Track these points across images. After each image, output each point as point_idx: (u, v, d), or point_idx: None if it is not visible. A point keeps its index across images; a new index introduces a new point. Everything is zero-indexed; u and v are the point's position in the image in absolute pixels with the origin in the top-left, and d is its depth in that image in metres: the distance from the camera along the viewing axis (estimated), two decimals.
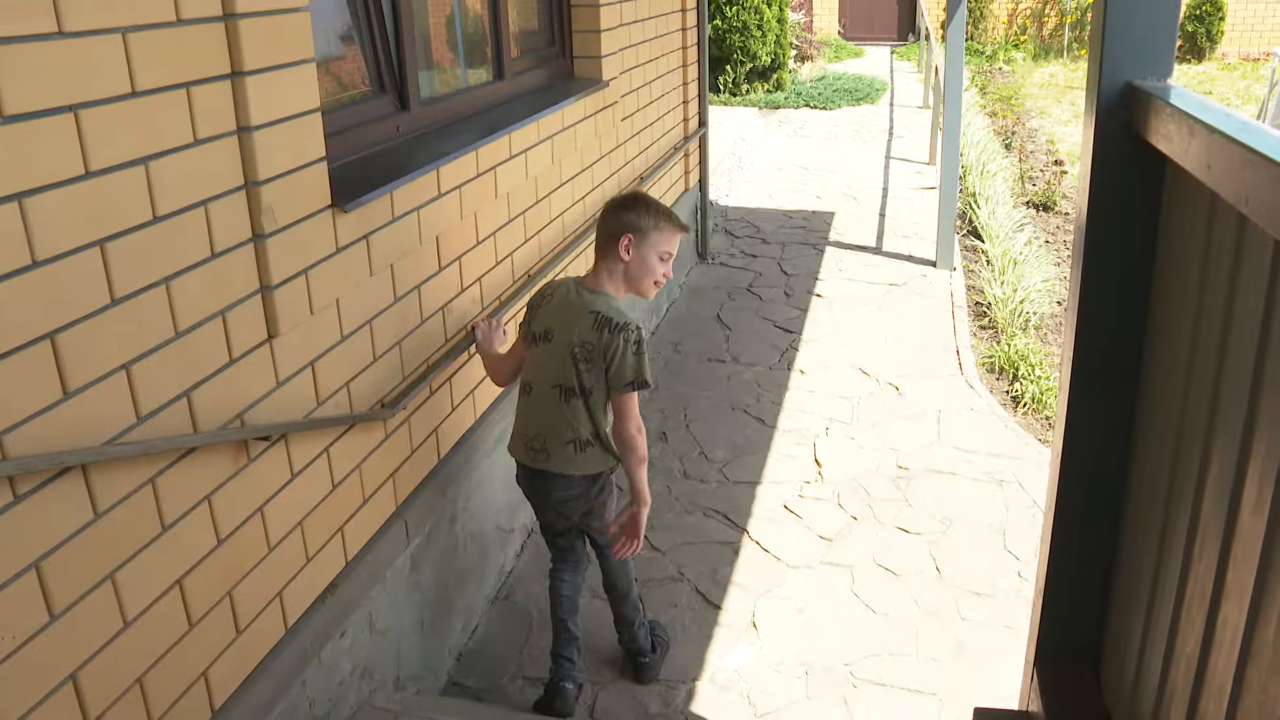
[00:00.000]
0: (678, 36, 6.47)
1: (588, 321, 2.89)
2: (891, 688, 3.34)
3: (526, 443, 3.03)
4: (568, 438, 2.95)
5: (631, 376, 2.87)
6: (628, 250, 2.93)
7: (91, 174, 1.84)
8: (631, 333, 2.87)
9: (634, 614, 3.34)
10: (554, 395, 2.94)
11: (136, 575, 2.03)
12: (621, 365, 2.86)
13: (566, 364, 2.91)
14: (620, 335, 2.86)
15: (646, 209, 2.95)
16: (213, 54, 2.13)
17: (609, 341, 2.86)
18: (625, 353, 2.86)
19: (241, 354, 2.29)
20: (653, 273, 2.97)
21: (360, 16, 3.13)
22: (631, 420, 2.91)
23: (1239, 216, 1.44)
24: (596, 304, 2.91)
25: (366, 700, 2.91)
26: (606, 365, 2.87)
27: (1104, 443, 2.06)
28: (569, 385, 2.92)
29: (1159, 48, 1.83)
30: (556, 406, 2.94)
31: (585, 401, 2.93)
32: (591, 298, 2.93)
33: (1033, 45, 19.98)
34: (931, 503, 4.38)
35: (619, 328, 2.86)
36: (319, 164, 2.51)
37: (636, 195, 3.02)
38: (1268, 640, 1.30)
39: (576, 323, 2.90)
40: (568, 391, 2.92)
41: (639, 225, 2.92)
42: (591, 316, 2.89)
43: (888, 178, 10.18)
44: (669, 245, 2.99)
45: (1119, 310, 1.97)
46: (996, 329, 6.36)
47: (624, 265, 2.95)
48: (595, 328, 2.87)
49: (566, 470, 2.99)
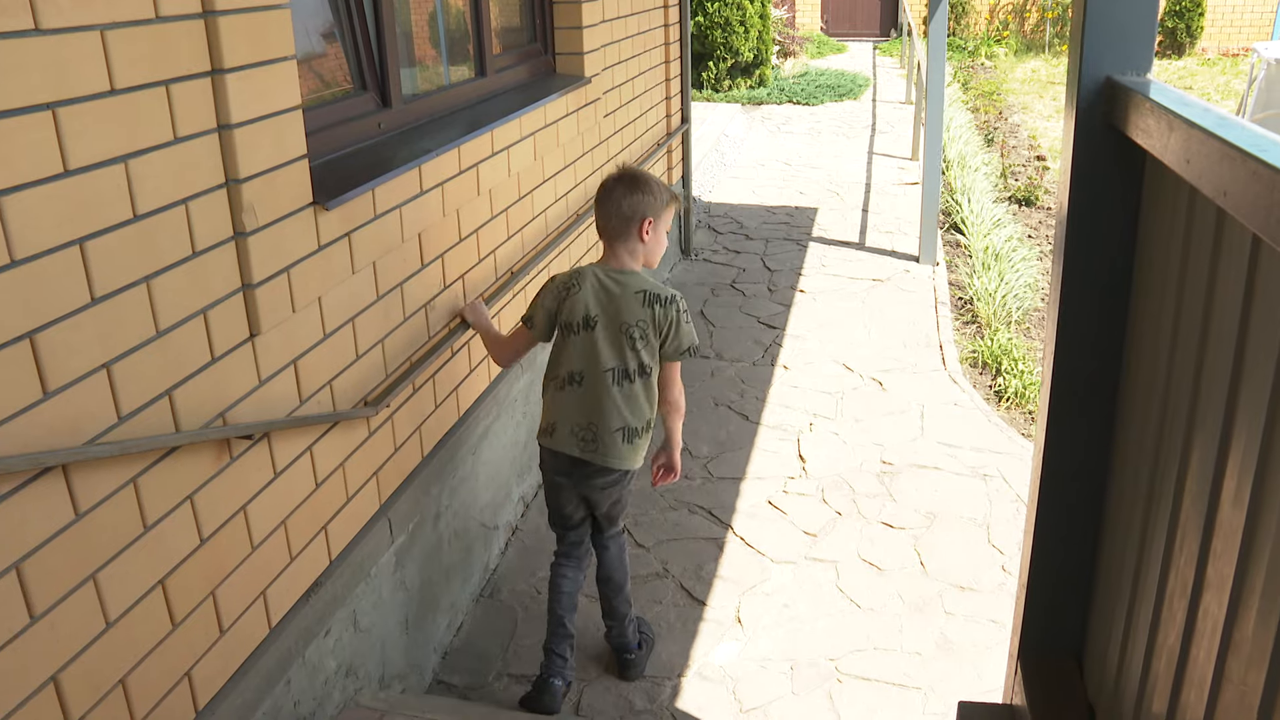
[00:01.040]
0: (660, 33, 6.46)
1: (637, 301, 3.01)
2: (876, 682, 3.35)
3: (577, 434, 3.07)
4: (617, 425, 3.04)
5: (687, 344, 3.07)
6: (648, 232, 3.05)
7: (70, 172, 1.82)
8: (681, 303, 3.05)
9: (626, 608, 3.35)
10: (607, 380, 3.02)
11: (118, 576, 2.02)
12: (678, 335, 3.04)
13: (621, 347, 3.01)
14: (672, 307, 3.03)
15: (654, 190, 3.07)
16: (192, 51, 2.12)
17: (663, 315, 3.01)
18: (680, 322, 3.04)
19: (223, 353, 2.28)
20: (663, 245, 3.15)
21: (341, 13, 3.12)
22: (677, 385, 3.15)
23: (1217, 210, 1.45)
24: (638, 284, 3.03)
25: (351, 699, 2.91)
26: (663, 338, 3.03)
27: (1086, 436, 2.07)
28: (625, 368, 3.02)
29: (1138, 43, 1.84)
30: (611, 393, 3.03)
31: (643, 383, 3.06)
32: (629, 279, 3.04)
33: (1014, 41, 20.04)
34: (915, 497, 4.39)
35: (669, 300, 3.03)
36: (300, 162, 2.50)
37: (638, 177, 3.10)
38: (1247, 632, 1.31)
39: (625, 305, 3.01)
40: (623, 375, 3.03)
41: (655, 208, 3.05)
42: (639, 296, 3.01)
43: (870, 173, 10.20)
44: (670, 220, 3.16)
45: (1100, 304, 1.98)
46: (979, 324, 6.39)
47: (643, 246, 3.08)
48: (646, 305, 3.01)
49: (614, 462, 3.07)
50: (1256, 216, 1.20)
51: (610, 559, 3.32)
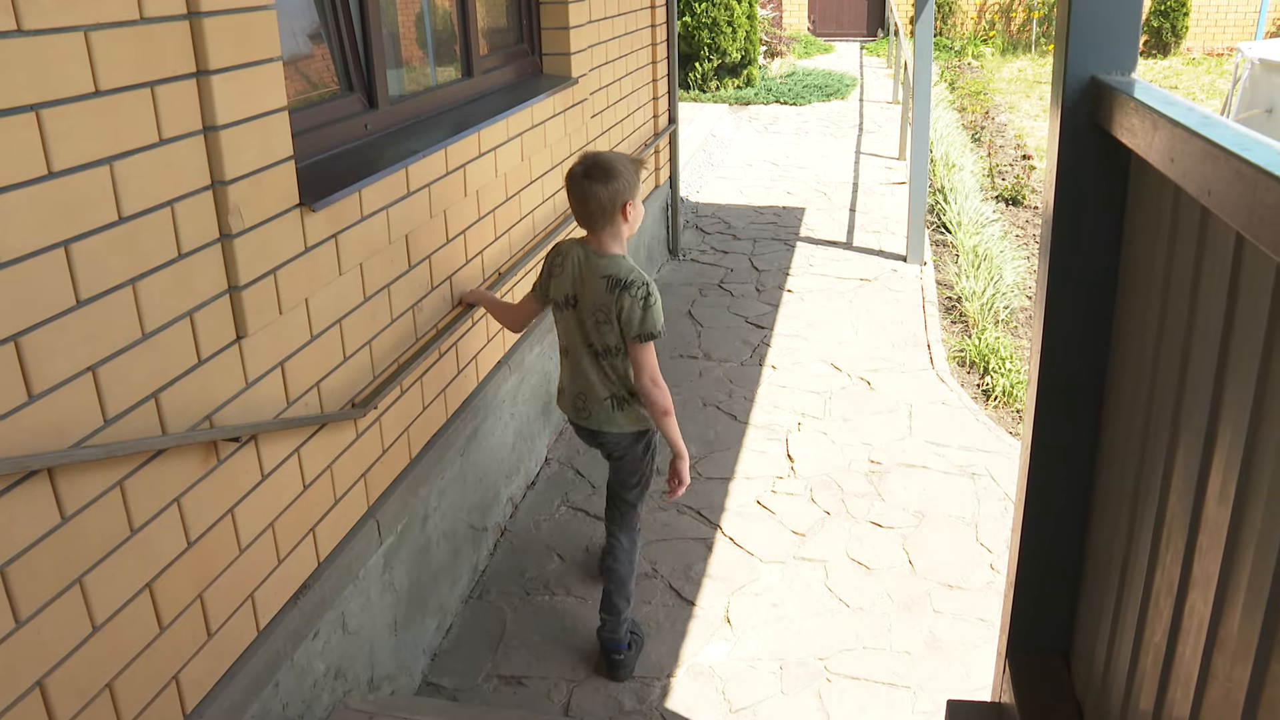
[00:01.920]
0: (646, 33, 6.47)
1: (601, 286, 3.09)
2: (865, 681, 3.35)
3: (572, 401, 3.29)
4: (604, 394, 3.20)
5: (638, 329, 3.07)
6: (627, 214, 3.12)
7: (55, 174, 1.82)
8: (639, 288, 3.06)
9: (624, 605, 3.37)
10: (589, 355, 3.18)
11: (105, 579, 2.01)
12: (630, 318, 3.06)
13: (591, 327, 3.14)
14: (627, 291, 3.05)
15: (624, 172, 3.09)
16: (177, 52, 2.11)
17: (619, 298, 3.06)
18: (633, 306, 3.05)
19: (210, 355, 2.28)
20: (641, 213, 3.21)
21: (328, 14, 3.11)
22: (645, 373, 3.12)
23: (1202, 209, 1.45)
24: (607, 268, 3.09)
25: (340, 701, 2.90)
26: (618, 318, 3.08)
27: (1073, 434, 2.08)
28: (598, 346, 3.16)
29: (1123, 42, 1.85)
30: (593, 366, 3.19)
31: (616, 360, 3.16)
32: (602, 262, 3.10)
33: (1001, 40, 20.10)
34: (904, 497, 4.40)
35: (627, 284, 3.06)
36: (286, 163, 2.49)
37: (607, 164, 3.08)
38: (1233, 629, 1.32)
39: (593, 288, 3.11)
40: (599, 352, 3.17)
41: (630, 190, 3.11)
42: (605, 281, 3.08)
43: (858, 173, 10.22)
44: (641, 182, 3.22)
45: (1086, 303, 1.99)
46: (967, 323, 6.40)
47: (626, 224, 3.14)
48: (608, 290, 3.08)
49: (608, 426, 3.24)
50: (1240, 215, 1.21)
51: (617, 549, 3.40)
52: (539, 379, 4.57)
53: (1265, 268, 1.24)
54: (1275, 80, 8.27)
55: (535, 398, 4.54)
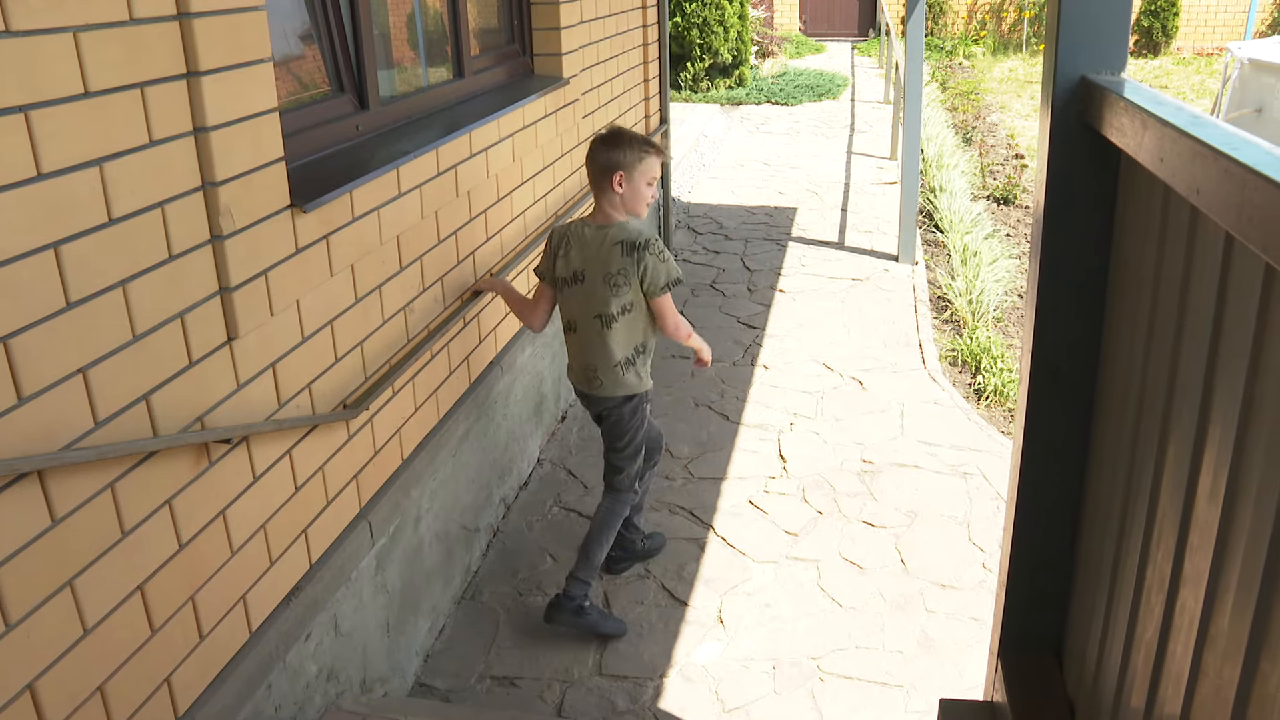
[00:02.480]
0: (638, 34, 6.46)
1: (616, 252, 3.31)
2: (858, 681, 3.36)
3: (584, 372, 3.50)
4: (614, 361, 3.42)
5: (665, 280, 3.33)
6: (620, 184, 3.32)
7: (44, 175, 1.81)
8: (654, 244, 3.32)
9: (586, 558, 3.52)
10: (596, 326, 3.39)
11: (96, 582, 2.00)
12: (655, 274, 3.31)
13: (605, 294, 3.34)
14: (645, 250, 3.30)
15: (629, 144, 3.33)
16: (167, 53, 2.10)
17: (639, 258, 3.29)
18: (654, 262, 3.30)
19: (201, 356, 2.27)
20: (643, 197, 3.38)
21: (318, 15, 3.11)
22: (670, 318, 3.42)
23: (1191, 209, 1.46)
24: (617, 235, 3.33)
25: (333, 703, 2.90)
26: (641, 278, 3.31)
27: (1064, 433, 2.09)
28: (607, 313, 3.36)
29: (1112, 42, 1.85)
30: (600, 335, 3.39)
31: (626, 320, 3.37)
32: (610, 231, 3.34)
33: (992, 40, 20.13)
34: (896, 496, 4.41)
35: (642, 245, 3.30)
36: (277, 164, 2.49)
37: (617, 132, 3.38)
38: (1223, 626, 1.32)
39: (606, 257, 3.32)
40: (607, 319, 3.36)
41: (626, 161, 3.31)
42: (618, 247, 3.31)
43: (849, 173, 10.23)
44: (653, 171, 3.39)
45: (1077, 302, 1.99)
46: (959, 322, 6.41)
47: (620, 196, 3.34)
48: (624, 254, 3.30)
49: (614, 392, 3.47)
50: (1228, 214, 1.21)
51: (600, 506, 3.63)
52: (531, 379, 4.57)
53: (1254, 267, 1.24)
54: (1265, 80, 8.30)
55: (527, 398, 4.53)
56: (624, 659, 3.47)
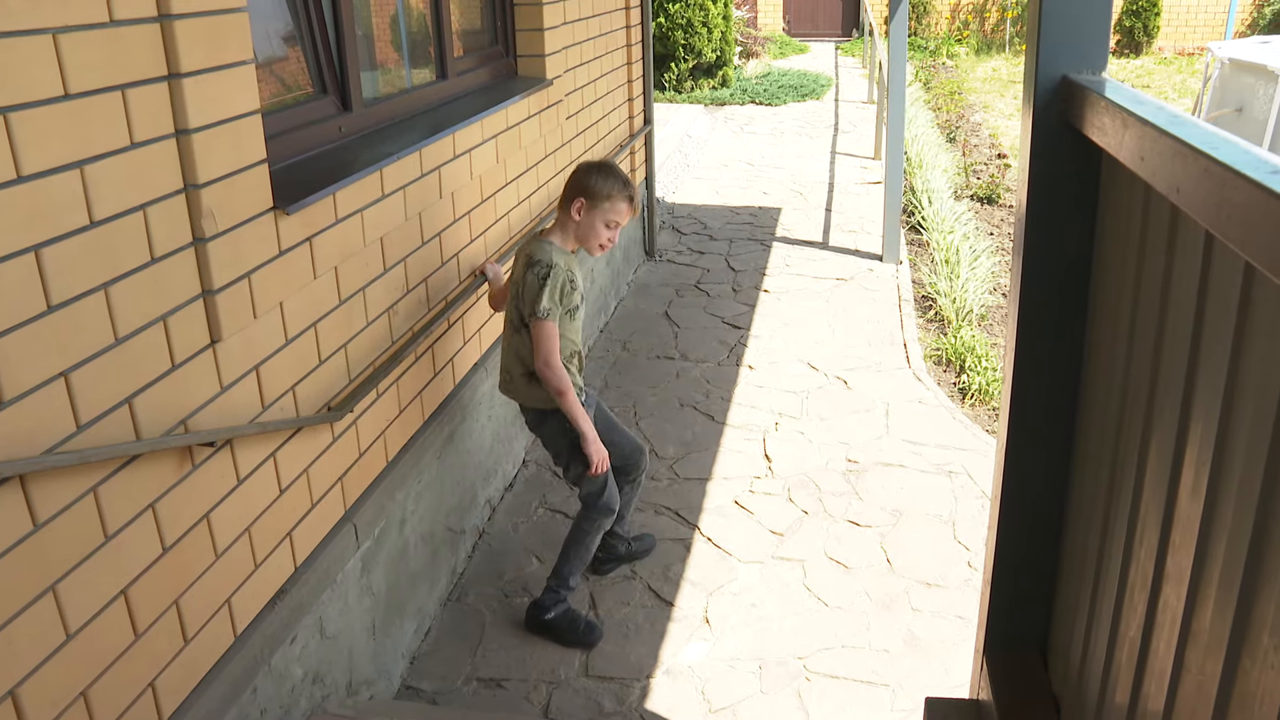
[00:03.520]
0: (621, 34, 6.47)
1: (521, 263, 3.31)
2: (844, 680, 3.36)
3: (501, 375, 3.52)
4: (519, 370, 3.38)
5: (530, 306, 3.21)
6: (579, 212, 3.28)
7: (24, 178, 1.80)
8: (541, 267, 3.22)
9: (561, 569, 3.54)
10: (508, 330, 3.40)
11: (79, 586, 1.99)
12: (524, 293, 3.24)
13: (512, 300, 3.33)
14: (532, 270, 3.23)
15: (605, 178, 3.27)
16: (149, 55, 2.09)
17: (524, 274, 3.25)
18: (531, 283, 3.21)
19: (184, 359, 2.26)
20: (598, 236, 3.31)
21: (301, 17, 3.10)
22: (539, 352, 3.24)
23: (1171, 207, 1.46)
24: (532, 248, 3.30)
25: (319, 706, 2.89)
26: (522, 296, 3.25)
27: (1048, 432, 2.09)
28: (515, 320, 3.33)
29: (1093, 42, 1.86)
30: (508, 341, 3.40)
31: (525, 335, 3.30)
32: (534, 244, 3.31)
33: (975, 40, 20.20)
34: (881, 495, 4.42)
35: (534, 264, 3.24)
36: (260, 166, 2.48)
37: (603, 165, 3.34)
38: (1205, 623, 1.33)
39: (517, 267, 3.33)
40: (515, 326, 3.34)
41: (593, 192, 3.25)
42: (525, 258, 3.29)
43: (833, 173, 10.25)
44: (616, 216, 3.31)
45: (1060, 300, 2.00)
46: (943, 321, 6.43)
47: (574, 224, 3.30)
48: (523, 267, 3.27)
49: (523, 400, 3.45)
50: (1208, 213, 1.22)
51: (573, 521, 3.60)
52: None
53: (1233, 265, 1.25)
54: (1245, 79, 8.35)
55: (512, 400, 4.52)
56: (610, 660, 3.47)
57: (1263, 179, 1.08)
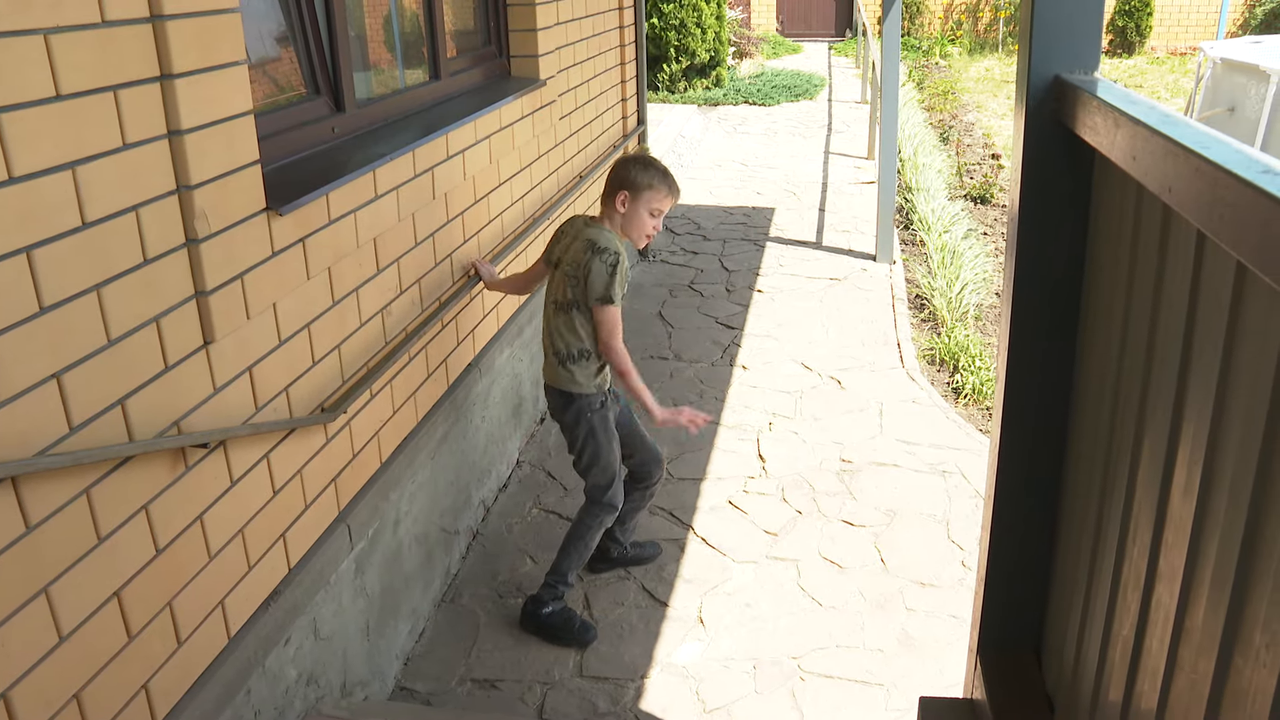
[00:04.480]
0: (615, 35, 6.46)
1: (582, 247, 3.36)
2: (839, 679, 3.37)
3: (543, 354, 3.57)
4: (556, 348, 3.45)
5: (600, 291, 3.31)
6: (623, 204, 3.39)
7: (16, 179, 1.80)
8: (609, 255, 3.32)
9: (560, 561, 3.55)
10: (551, 310, 3.48)
11: (72, 588, 1.99)
12: (594, 280, 3.31)
13: (565, 283, 3.40)
14: (599, 256, 3.31)
15: (645, 169, 3.41)
16: (141, 56, 2.09)
17: (589, 260, 3.31)
18: (600, 270, 3.30)
19: (177, 361, 2.26)
20: (644, 226, 3.44)
21: (294, 18, 3.09)
22: (602, 330, 3.37)
23: (1163, 206, 1.47)
24: (593, 234, 3.38)
25: (313, 707, 2.88)
26: (584, 280, 3.32)
27: (1042, 431, 2.10)
28: (563, 301, 3.42)
29: (1085, 41, 1.86)
30: (551, 321, 3.47)
31: (570, 315, 3.40)
32: (591, 230, 3.40)
33: (968, 40, 20.22)
34: (875, 495, 4.42)
35: (601, 250, 3.32)
36: (253, 167, 2.48)
37: (641, 157, 3.48)
38: (1198, 621, 1.33)
39: (576, 249, 3.38)
40: (562, 306, 3.42)
41: (635, 183, 3.38)
42: (586, 243, 3.35)
43: (827, 173, 10.26)
44: (659, 204, 3.45)
45: (1053, 300, 2.01)
46: (937, 321, 6.44)
47: (619, 215, 3.41)
48: (584, 251, 3.34)
49: (551, 380, 3.51)
50: (1200, 212, 1.22)
51: (576, 515, 3.64)
52: (509, 381, 4.56)
53: (1225, 264, 1.25)
54: (1237, 79, 8.36)
55: (506, 400, 4.53)
56: (605, 660, 3.47)
57: (1254, 178, 1.08)
